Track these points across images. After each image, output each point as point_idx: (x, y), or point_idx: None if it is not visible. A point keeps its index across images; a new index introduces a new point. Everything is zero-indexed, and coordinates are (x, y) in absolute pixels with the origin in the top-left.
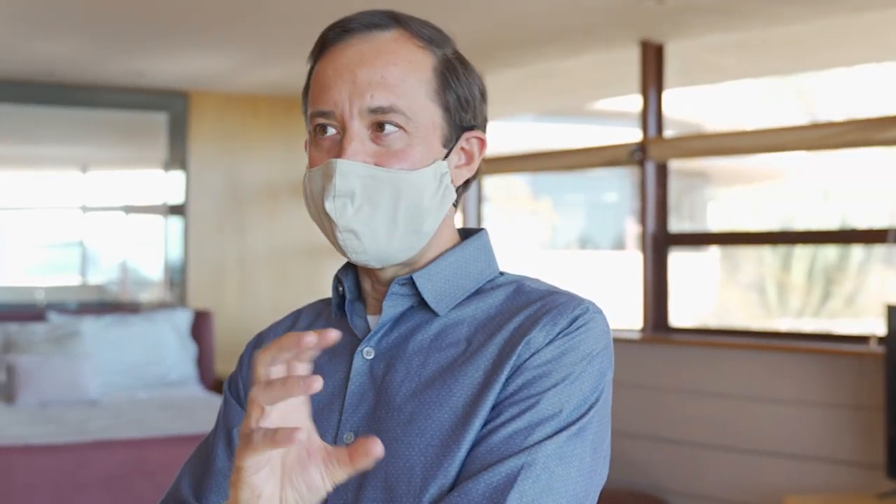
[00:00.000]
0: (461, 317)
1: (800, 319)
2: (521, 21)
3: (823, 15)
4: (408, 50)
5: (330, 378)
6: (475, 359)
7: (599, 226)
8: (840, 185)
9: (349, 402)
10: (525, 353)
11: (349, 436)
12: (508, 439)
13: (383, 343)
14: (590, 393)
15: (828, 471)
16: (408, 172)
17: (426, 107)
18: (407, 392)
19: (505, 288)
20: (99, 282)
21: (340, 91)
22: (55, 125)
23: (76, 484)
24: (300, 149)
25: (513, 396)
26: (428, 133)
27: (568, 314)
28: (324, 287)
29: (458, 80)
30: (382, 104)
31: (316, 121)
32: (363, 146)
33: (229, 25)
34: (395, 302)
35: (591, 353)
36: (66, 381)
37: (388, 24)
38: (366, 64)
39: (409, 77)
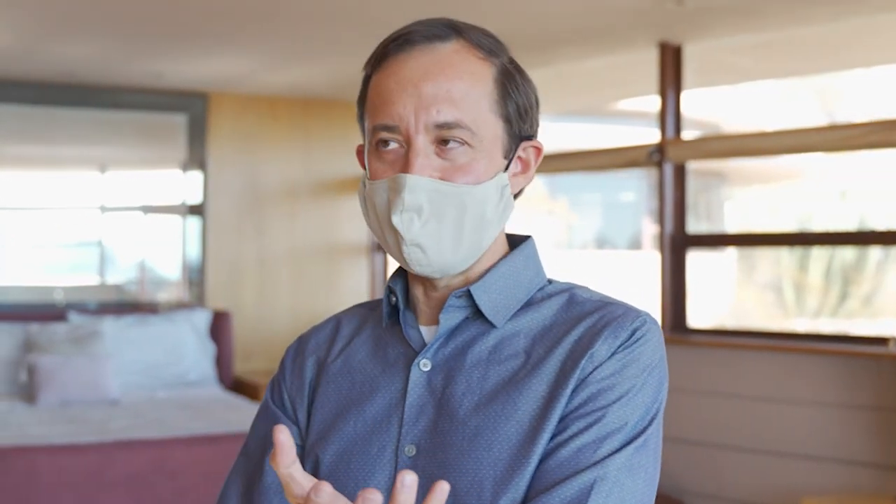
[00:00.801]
0: (517, 328)
1: (817, 320)
2: (541, 22)
3: (842, 16)
4: (469, 62)
5: (385, 390)
6: (538, 372)
7: (616, 226)
8: (858, 186)
9: (408, 415)
10: (589, 366)
11: (410, 448)
12: (578, 453)
13: (440, 355)
14: (651, 404)
15: (845, 472)
16: (472, 186)
17: (488, 119)
18: (470, 405)
19: (557, 298)
20: (117, 281)
21: (405, 105)
22: (75, 126)
23: (100, 484)
24: (318, 150)
25: (578, 410)
26: (490, 146)
27: (628, 326)
28: (341, 286)
29: (517, 90)
30: (448, 119)
31: (379, 134)
32: (429, 161)
33: (248, 28)
34: (453, 314)
35: (650, 365)
36: (86, 381)
37: (448, 34)
38: (430, 78)
39: (472, 90)
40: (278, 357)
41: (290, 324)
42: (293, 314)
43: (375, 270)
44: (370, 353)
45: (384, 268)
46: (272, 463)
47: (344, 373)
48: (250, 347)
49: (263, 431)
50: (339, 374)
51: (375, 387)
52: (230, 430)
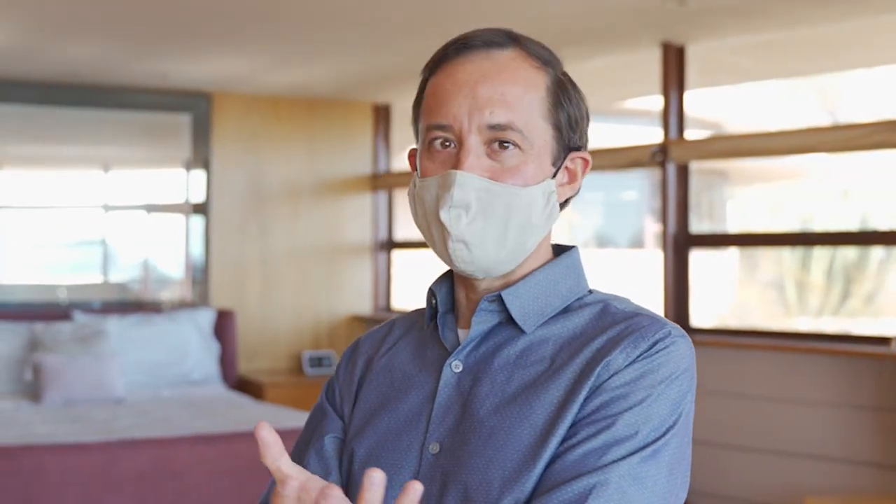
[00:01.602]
0: (547, 335)
1: (819, 318)
2: (543, 22)
3: (844, 16)
4: (525, 69)
5: (419, 389)
6: (557, 377)
7: (618, 224)
8: (860, 185)
9: (436, 414)
10: (604, 374)
11: (434, 446)
12: (583, 458)
13: (471, 357)
14: (667, 415)
15: (848, 472)
16: (520, 188)
17: (540, 126)
18: (490, 407)
19: (591, 307)
20: (121, 280)
21: (460, 106)
22: (78, 126)
23: (106, 482)
24: (322, 149)
25: (590, 416)
26: (541, 151)
27: (650, 337)
28: (345, 286)
29: (570, 101)
30: (501, 121)
31: (432, 133)
32: (479, 161)
33: (252, 28)
34: (484, 318)
35: (670, 377)
36: (91, 380)
37: (506, 42)
38: (486, 80)
39: (526, 96)
40: (282, 356)
41: (293, 323)
42: (296, 313)
43: (379, 270)
44: (412, 354)
45: (387, 267)
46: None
47: (386, 371)
48: (254, 346)
49: (313, 424)
50: (382, 372)
51: (411, 385)
52: (235, 430)
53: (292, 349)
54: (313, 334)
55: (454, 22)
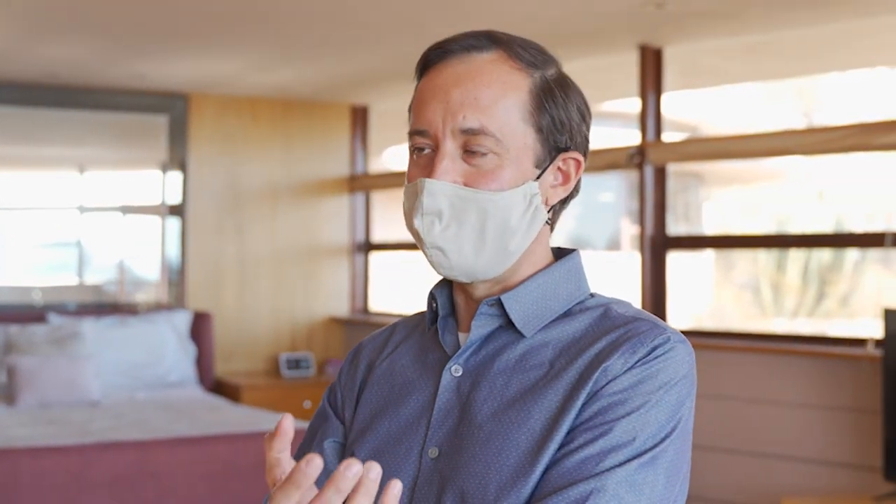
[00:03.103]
0: (547, 339)
1: (794, 320)
2: (523, 25)
3: (821, 20)
4: (503, 71)
5: (419, 393)
6: (555, 382)
7: (594, 226)
8: (836, 187)
9: (436, 418)
10: (602, 379)
11: (433, 450)
12: (580, 464)
13: (471, 361)
14: (666, 422)
15: (825, 473)
16: (494, 193)
17: (518, 128)
18: (488, 411)
19: (592, 311)
20: (96, 282)
21: (435, 111)
22: (56, 127)
23: (82, 485)
24: (299, 151)
25: (588, 422)
26: (519, 154)
27: (648, 343)
28: (322, 287)
29: (555, 103)
30: (473, 126)
31: (414, 139)
32: (454, 165)
33: (229, 30)
34: (484, 322)
35: (669, 382)
36: (67, 383)
37: (486, 45)
38: (460, 85)
39: (502, 99)
40: (259, 358)
41: (270, 325)
42: (274, 315)
43: (356, 272)
44: (413, 358)
45: (365, 269)
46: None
47: (387, 375)
48: (231, 348)
49: (314, 429)
50: (383, 376)
51: (411, 389)
52: (212, 432)
53: (269, 351)
54: (290, 336)
55: (432, 24)
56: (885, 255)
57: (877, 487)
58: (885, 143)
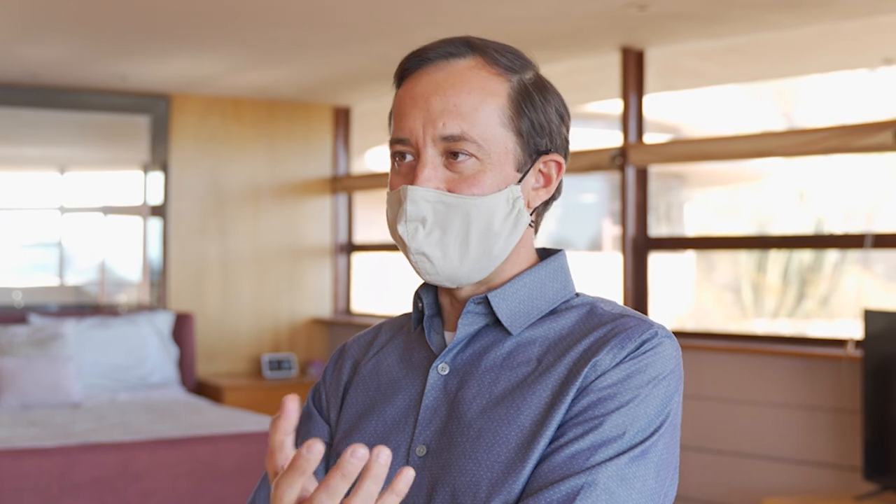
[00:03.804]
0: (534, 336)
1: (775, 320)
2: (505, 26)
3: (802, 23)
4: (481, 77)
5: (406, 392)
6: (544, 378)
7: (576, 227)
8: (816, 189)
9: (423, 417)
10: (591, 374)
11: (421, 448)
12: (571, 459)
13: (458, 360)
14: (655, 416)
15: (806, 473)
16: (477, 198)
17: (498, 133)
18: (477, 409)
19: (578, 309)
20: (77, 283)
21: (415, 119)
22: (37, 127)
23: (65, 487)
24: (282, 151)
25: (577, 417)
26: (500, 159)
27: (636, 338)
28: (305, 288)
29: (533, 106)
30: (454, 132)
31: (394, 147)
32: (436, 172)
33: (212, 30)
34: (471, 320)
35: (657, 377)
36: (48, 384)
37: (464, 52)
38: (439, 92)
39: (481, 105)
40: (241, 359)
41: (253, 326)
42: (256, 316)
43: (339, 272)
44: (399, 358)
45: (347, 270)
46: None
47: (373, 375)
48: (213, 349)
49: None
50: (369, 376)
51: (398, 388)
52: (194, 433)
53: (251, 352)
54: (273, 337)
55: (415, 26)
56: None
57: (857, 487)
58: (864, 145)
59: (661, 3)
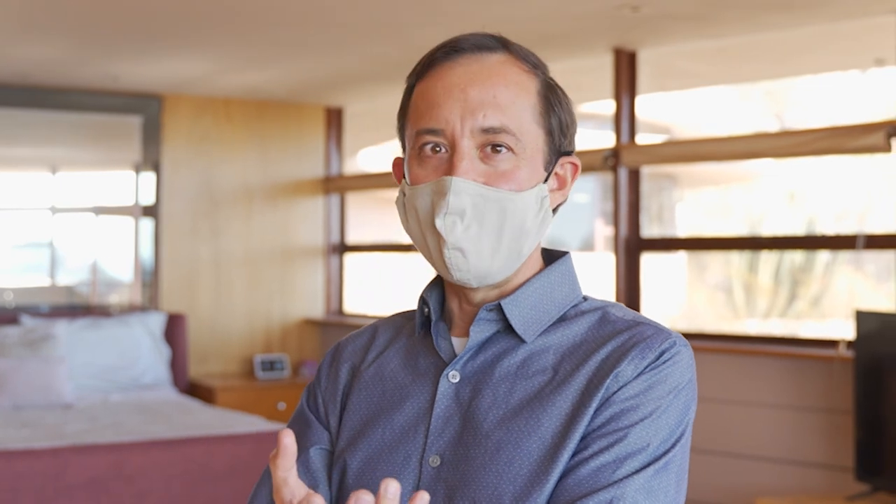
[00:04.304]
0: (547, 344)
1: (766, 321)
2: (498, 27)
3: (795, 24)
4: (515, 72)
5: (415, 399)
6: (563, 389)
7: (568, 227)
8: (807, 189)
9: (434, 426)
10: (613, 385)
11: (435, 459)
12: (597, 472)
13: (469, 367)
14: (675, 427)
15: (798, 473)
16: (515, 193)
17: (532, 130)
18: (494, 419)
19: (589, 315)
20: (68, 283)
21: (451, 109)
22: (28, 127)
23: (57, 488)
24: (274, 152)
25: (601, 429)
26: (533, 155)
27: (656, 347)
28: (297, 289)
29: (560, 105)
30: (494, 124)
31: (423, 138)
32: (473, 165)
33: (204, 31)
34: (483, 327)
35: (677, 387)
36: (40, 385)
37: (495, 46)
38: (477, 84)
39: (517, 99)
40: (233, 359)
41: (245, 326)
42: (248, 317)
43: (331, 273)
44: (402, 363)
45: (340, 271)
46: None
47: (376, 380)
48: (205, 350)
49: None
50: (372, 381)
51: (405, 395)
52: (187, 434)
53: (244, 353)
54: (265, 338)
55: (408, 26)
56: (855, 256)
57: (849, 487)
58: (857, 146)
59: (654, 5)
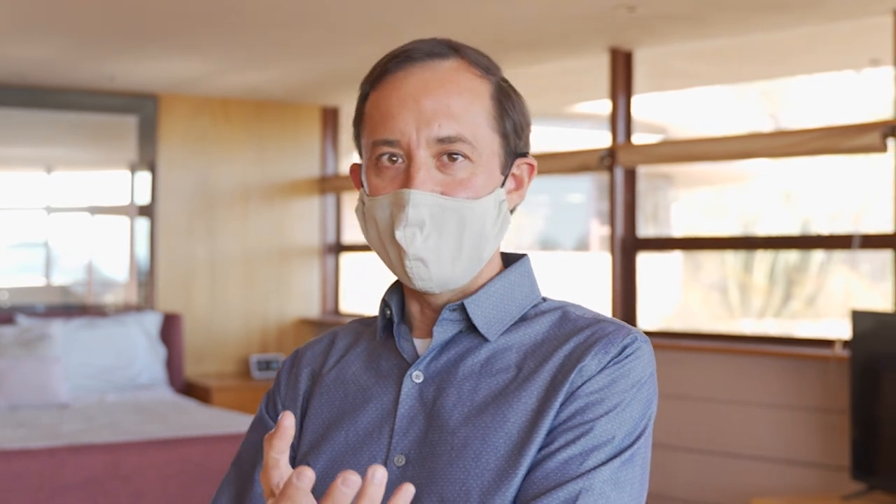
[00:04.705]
0: (509, 343)
1: (761, 320)
2: (496, 27)
3: (790, 24)
4: (467, 79)
5: (378, 401)
6: (528, 385)
7: (563, 227)
8: (802, 189)
9: (399, 426)
10: (578, 380)
11: (400, 458)
12: (564, 465)
13: (432, 367)
14: (639, 420)
15: (794, 473)
16: (472, 201)
17: (486, 135)
18: (460, 416)
19: (550, 314)
20: (64, 283)
21: (406, 121)
22: (24, 127)
23: (54, 488)
24: (271, 152)
25: (567, 422)
26: (489, 161)
27: (618, 343)
28: (293, 289)
29: (513, 107)
30: (450, 133)
31: (380, 149)
32: (430, 175)
33: (200, 31)
34: (446, 327)
35: (639, 381)
36: (36, 385)
37: (447, 53)
38: (430, 93)
39: (471, 106)
40: (229, 359)
41: (241, 326)
42: (245, 317)
43: (327, 273)
44: (364, 365)
45: (336, 270)
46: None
47: (338, 384)
48: (201, 350)
49: (256, 442)
50: (333, 385)
51: (368, 397)
52: (184, 434)
53: (240, 353)
54: (261, 338)
55: (403, 26)
56: (850, 256)
57: (844, 487)
58: (852, 146)
59: (650, 5)
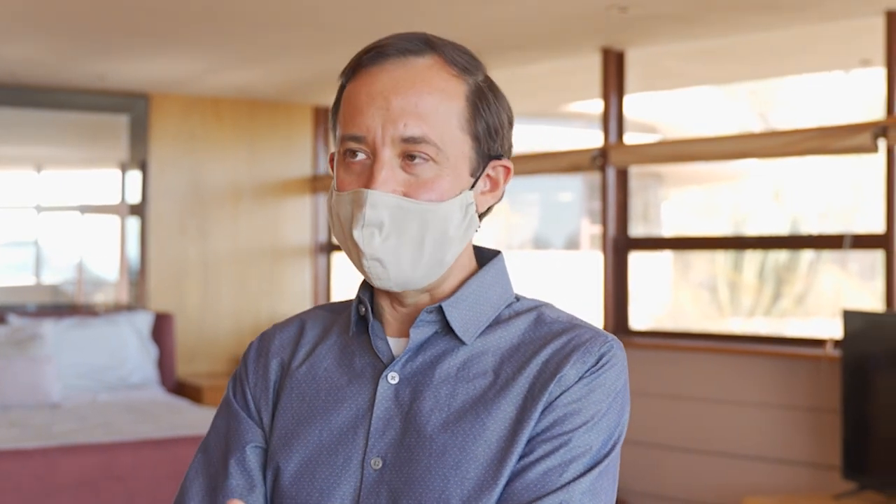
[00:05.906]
0: (485, 346)
1: (751, 319)
2: (488, 27)
3: (781, 24)
4: (441, 78)
5: (352, 401)
6: (506, 393)
7: (554, 226)
8: (791, 189)
9: (375, 427)
10: (556, 390)
11: (377, 461)
12: (544, 476)
13: (408, 368)
14: (613, 429)
15: (785, 472)
16: (435, 204)
17: (457, 137)
18: (438, 422)
19: (524, 316)
20: (54, 282)
21: (373, 117)
22: (14, 126)
23: (46, 489)
24: (263, 151)
25: (545, 433)
26: (457, 163)
27: (595, 351)
28: (285, 288)
29: (489, 109)
30: (415, 134)
31: (347, 144)
32: (393, 174)
33: (192, 30)
34: (423, 329)
35: (614, 391)
36: (27, 385)
37: (422, 49)
38: (400, 91)
39: (441, 106)
40: (221, 359)
41: (233, 326)
42: (236, 316)
43: (319, 272)
44: (336, 362)
45: (327, 270)
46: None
47: (309, 379)
48: (193, 349)
49: (225, 429)
50: (304, 380)
51: (342, 397)
52: (176, 434)
53: (231, 352)
54: (253, 337)
55: (395, 26)
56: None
57: (836, 486)
58: (843, 146)
59: (642, 5)
